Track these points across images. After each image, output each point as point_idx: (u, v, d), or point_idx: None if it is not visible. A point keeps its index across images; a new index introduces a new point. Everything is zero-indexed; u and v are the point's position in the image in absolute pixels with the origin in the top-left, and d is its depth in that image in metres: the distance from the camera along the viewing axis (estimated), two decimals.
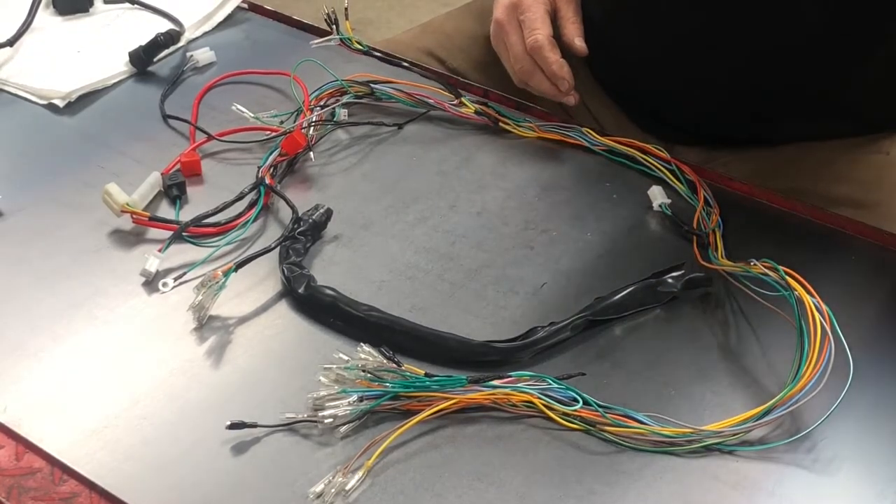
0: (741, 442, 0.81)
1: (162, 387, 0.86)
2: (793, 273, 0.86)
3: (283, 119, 1.10)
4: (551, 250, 0.98)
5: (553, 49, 1.11)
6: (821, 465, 0.80)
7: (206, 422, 0.83)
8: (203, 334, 0.90)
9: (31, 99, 1.17)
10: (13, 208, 1.03)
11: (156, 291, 0.94)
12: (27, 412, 0.84)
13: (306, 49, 1.18)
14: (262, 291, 0.94)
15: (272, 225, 1.01)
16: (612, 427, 0.82)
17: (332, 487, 0.77)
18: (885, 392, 0.85)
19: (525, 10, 1.12)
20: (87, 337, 0.91)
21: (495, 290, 0.94)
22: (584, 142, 1.08)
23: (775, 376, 0.85)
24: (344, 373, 0.83)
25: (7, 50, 1.22)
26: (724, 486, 0.79)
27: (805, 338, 0.83)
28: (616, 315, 0.90)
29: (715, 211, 0.98)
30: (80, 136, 1.13)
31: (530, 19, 1.12)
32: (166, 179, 1.04)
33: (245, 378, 0.87)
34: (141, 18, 1.28)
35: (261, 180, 1.02)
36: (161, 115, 1.14)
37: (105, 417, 0.84)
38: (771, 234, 1.00)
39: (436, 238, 1.00)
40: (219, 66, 1.21)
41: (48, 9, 1.29)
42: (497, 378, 0.83)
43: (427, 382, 0.83)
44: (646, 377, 0.87)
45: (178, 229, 0.98)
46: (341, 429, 0.81)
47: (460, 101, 1.12)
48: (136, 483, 0.79)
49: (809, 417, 0.81)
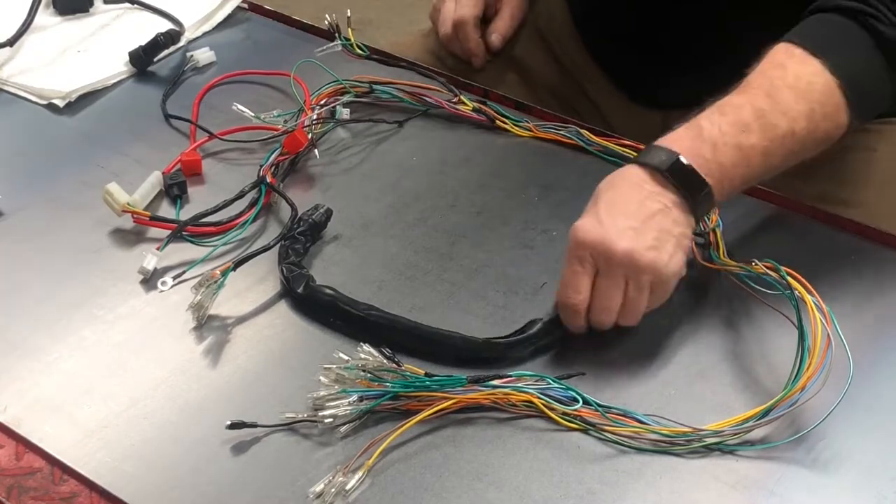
0: (741, 442, 0.81)
1: (162, 387, 0.86)
2: (793, 273, 0.86)
3: (286, 118, 1.10)
4: (551, 250, 0.98)
5: (475, 28, 1.27)
6: (821, 465, 0.80)
7: (206, 422, 0.83)
8: (203, 334, 0.90)
9: (31, 99, 1.17)
10: (13, 208, 1.03)
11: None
12: (27, 412, 0.84)
13: (306, 49, 1.18)
14: (261, 291, 0.94)
15: (272, 224, 1.01)
16: (612, 427, 0.82)
17: (332, 487, 0.77)
18: (885, 392, 0.85)
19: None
20: (87, 337, 0.91)
21: (495, 290, 0.94)
22: (579, 142, 1.08)
23: (775, 376, 0.85)
24: (344, 373, 0.83)
25: (7, 50, 1.22)
26: (724, 486, 0.79)
27: (805, 338, 0.83)
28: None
29: (714, 210, 0.98)
30: (80, 136, 1.13)
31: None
32: (167, 179, 1.04)
33: (245, 378, 0.87)
34: (141, 18, 1.28)
35: (262, 179, 1.02)
36: (162, 115, 1.14)
37: (105, 417, 0.84)
38: (771, 234, 0.99)
39: (436, 238, 1.00)
40: (219, 66, 1.22)
41: (48, 9, 1.29)
42: (497, 378, 0.83)
43: (427, 382, 0.83)
44: (646, 377, 0.87)
45: (177, 228, 0.98)
46: (341, 429, 0.81)
47: (459, 98, 1.12)
48: (136, 483, 0.79)
49: (809, 417, 0.81)
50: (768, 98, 0.91)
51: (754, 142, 0.90)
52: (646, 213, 0.86)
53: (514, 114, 1.13)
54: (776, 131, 0.91)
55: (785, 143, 0.92)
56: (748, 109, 0.91)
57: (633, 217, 0.86)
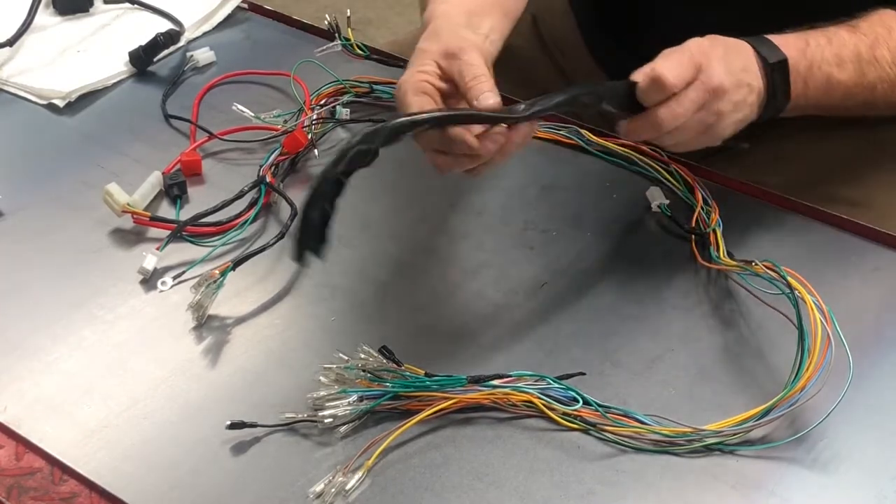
0: (741, 442, 0.81)
1: (162, 387, 0.86)
2: (793, 273, 0.86)
3: (286, 118, 1.10)
4: (551, 250, 0.98)
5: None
6: (821, 465, 0.80)
7: (206, 422, 0.83)
8: (203, 334, 0.90)
9: (31, 99, 1.17)
10: (13, 208, 1.03)
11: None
12: (27, 412, 0.84)
13: (306, 49, 1.18)
14: (261, 291, 0.94)
15: (272, 224, 1.01)
16: (612, 427, 0.82)
17: (332, 487, 0.77)
18: (885, 392, 0.85)
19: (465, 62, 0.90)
20: (87, 337, 0.91)
21: (495, 290, 0.94)
22: (579, 142, 1.09)
23: (775, 376, 0.85)
24: (344, 373, 0.83)
25: (7, 50, 1.22)
26: (724, 486, 0.79)
27: (805, 338, 0.83)
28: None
29: (714, 210, 0.98)
30: (80, 136, 1.13)
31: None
32: (167, 179, 1.04)
33: (245, 378, 0.87)
34: (141, 18, 1.28)
35: (261, 179, 1.02)
36: (162, 115, 1.14)
37: (105, 417, 0.84)
38: (771, 234, 0.99)
39: (436, 238, 1.00)
40: (219, 66, 1.22)
41: (48, 9, 1.29)
42: (497, 378, 0.83)
43: (427, 382, 0.83)
44: (646, 377, 0.87)
45: (177, 228, 0.98)
46: (341, 429, 0.81)
47: None
48: (136, 483, 0.79)
49: (809, 417, 0.81)
50: (869, 49, 0.99)
51: (843, 79, 0.98)
52: (740, 79, 0.93)
53: None
54: (864, 80, 0.99)
55: (865, 93, 1.00)
56: (850, 48, 0.98)
57: (733, 74, 0.92)
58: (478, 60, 0.88)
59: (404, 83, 0.90)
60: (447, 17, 0.96)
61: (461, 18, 0.96)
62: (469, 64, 0.88)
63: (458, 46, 0.89)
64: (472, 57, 0.88)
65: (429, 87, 0.88)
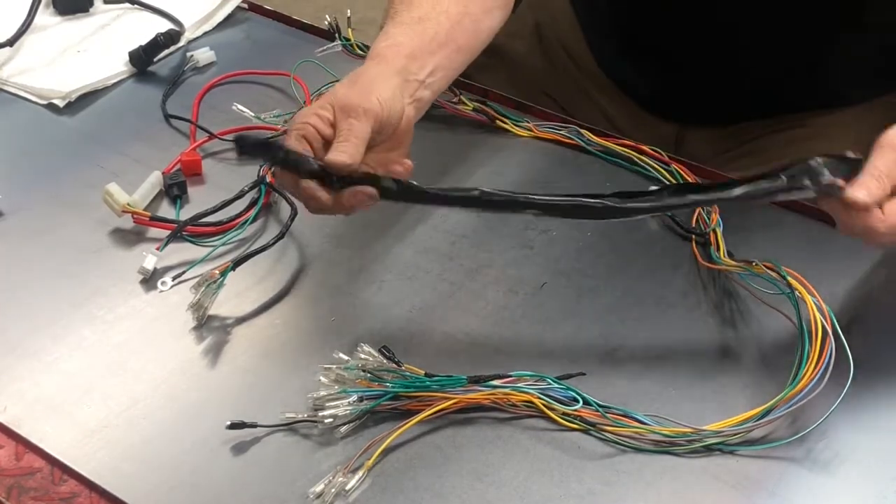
0: (741, 442, 0.81)
1: (162, 387, 0.86)
2: (794, 273, 0.86)
3: (286, 118, 1.10)
4: (551, 250, 0.98)
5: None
6: (821, 465, 0.80)
7: (206, 422, 0.83)
8: (203, 334, 0.90)
9: (31, 99, 1.17)
10: (13, 208, 1.03)
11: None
12: (27, 412, 0.84)
13: (306, 49, 1.18)
14: (261, 291, 0.94)
15: (272, 224, 1.01)
16: (612, 427, 0.82)
17: (332, 487, 0.77)
18: (885, 392, 0.85)
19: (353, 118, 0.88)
20: (87, 336, 0.91)
21: (495, 290, 0.94)
22: (579, 142, 1.09)
23: (775, 376, 0.85)
24: (344, 373, 0.83)
25: (7, 50, 1.22)
26: (724, 486, 0.79)
27: (805, 338, 0.83)
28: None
29: (714, 210, 0.98)
30: (80, 136, 1.13)
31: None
32: (167, 179, 1.04)
33: (245, 378, 0.87)
34: (141, 18, 1.28)
35: (261, 179, 1.02)
36: (162, 115, 1.14)
37: (105, 417, 0.84)
38: (771, 234, 0.99)
39: (436, 238, 1.00)
40: (219, 66, 1.22)
41: (48, 9, 1.29)
42: (497, 378, 0.83)
43: (427, 382, 0.83)
44: (646, 377, 0.87)
45: (177, 228, 0.98)
46: (341, 429, 0.81)
47: (459, 98, 1.12)
48: (135, 483, 0.79)
49: (809, 417, 0.81)
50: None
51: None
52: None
53: (514, 114, 1.13)
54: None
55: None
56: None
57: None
58: (362, 129, 0.86)
59: (296, 120, 0.89)
60: (383, 60, 0.94)
61: (398, 62, 0.93)
62: (349, 128, 0.86)
63: (356, 106, 0.87)
64: (359, 125, 0.86)
65: (311, 133, 0.87)
